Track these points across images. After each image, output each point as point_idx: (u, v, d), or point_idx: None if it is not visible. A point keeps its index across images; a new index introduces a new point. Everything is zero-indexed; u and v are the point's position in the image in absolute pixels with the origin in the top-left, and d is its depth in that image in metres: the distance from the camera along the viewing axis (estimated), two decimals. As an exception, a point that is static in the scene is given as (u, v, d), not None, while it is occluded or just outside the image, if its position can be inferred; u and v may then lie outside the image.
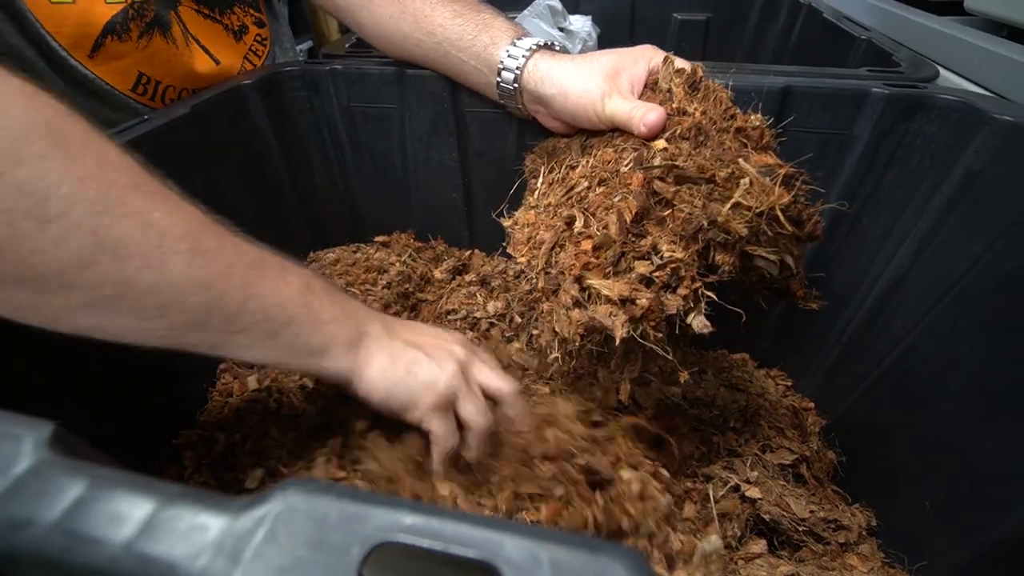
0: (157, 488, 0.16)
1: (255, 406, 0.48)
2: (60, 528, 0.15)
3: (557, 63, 0.44)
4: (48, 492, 0.15)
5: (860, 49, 0.64)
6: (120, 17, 0.51)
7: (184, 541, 0.14)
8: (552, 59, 0.44)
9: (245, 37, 0.64)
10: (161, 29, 0.55)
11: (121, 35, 0.52)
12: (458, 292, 0.61)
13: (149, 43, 0.54)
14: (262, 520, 0.14)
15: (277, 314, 0.31)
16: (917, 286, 0.46)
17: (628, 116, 0.39)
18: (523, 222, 0.43)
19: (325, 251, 0.65)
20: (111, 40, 0.51)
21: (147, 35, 0.54)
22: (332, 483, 0.15)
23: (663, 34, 1.04)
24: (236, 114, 0.55)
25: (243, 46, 0.64)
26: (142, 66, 0.55)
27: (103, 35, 0.51)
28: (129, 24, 0.52)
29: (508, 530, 0.13)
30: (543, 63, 0.44)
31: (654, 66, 0.43)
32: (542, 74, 0.44)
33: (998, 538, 0.36)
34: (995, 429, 0.38)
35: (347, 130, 0.61)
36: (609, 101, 0.40)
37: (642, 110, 0.39)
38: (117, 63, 0.53)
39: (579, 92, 0.42)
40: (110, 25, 0.51)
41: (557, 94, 0.43)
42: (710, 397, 0.51)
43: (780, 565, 0.37)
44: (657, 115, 0.38)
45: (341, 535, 0.14)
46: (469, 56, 0.47)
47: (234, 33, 0.63)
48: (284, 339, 0.32)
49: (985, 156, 0.41)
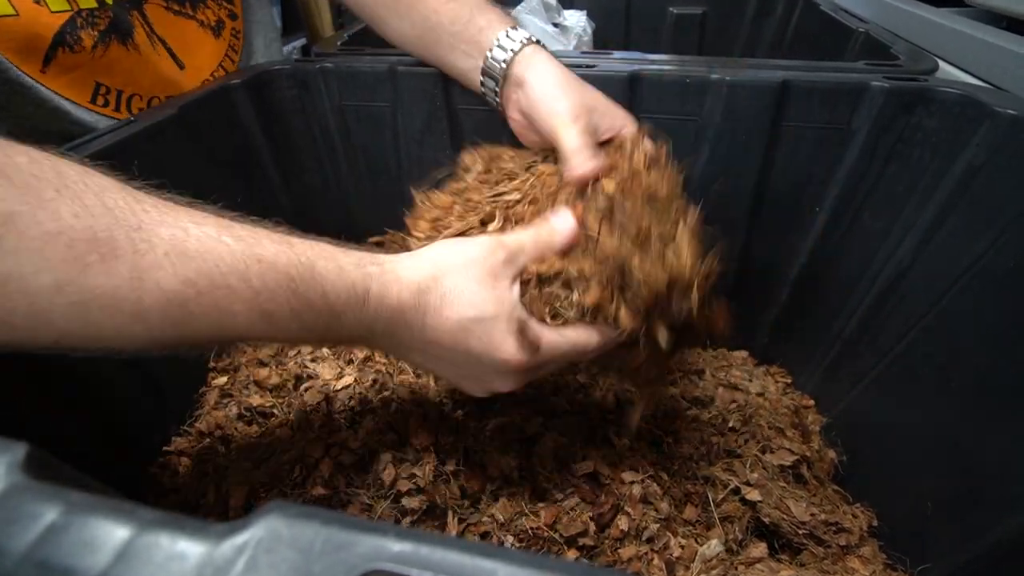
0: (134, 514, 0.15)
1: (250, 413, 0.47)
2: (31, 558, 0.14)
3: (551, 60, 0.44)
4: (19, 519, 0.15)
5: (858, 42, 0.63)
6: (68, 27, 0.48)
7: (161, 572, 0.14)
8: (547, 55, 0.44)
9: (223, 32, 0.61)
10: (119, 36, 0.51)
11: (73, 45, 0.49)
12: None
13: (106, 52, 0.51)
14: (243, 548, 0.14)
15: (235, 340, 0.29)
16: (919, 282, 0.45)
17: (574, 150, 0.38)
18: (437, 203, 0.43)
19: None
20: (63, 52, 0.48)
21: (102, 44, 0.50)
22: (317, 508, 0.14)
23: (659, 29, 1.03)
24: (225, 114, 0.54)
25: (223, 43, 0.62)
26: (100, 76, 0.52)
27: (53, 47, 0.47)
28: (79, 34, 0.49)
29: (502, 558, 0.13)
30: (539, 54, 0.44)
31: (625, 135, 0.42)
32: (532, 60, 0.43)
33: (1003, 538, 0.35)
34: (999, 427, 0.37)
35: (339, 129, 0.60)
36: (568, 127, 0.39)
37: (589, 154, 0.38)
38: (72, 75, 0.50)
39: (553, 94, 0.41)
40: (59, 36, 0.48)
41: (536, 81, 0.42)
42: (709, 397, 0.51)
43: (781, 570, 0.37)
44: (595, 166, 0.38)
45: (326, 564, 0.13)
46: (460, 40, 0.46)
47: (212, 29, 0.60)
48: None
49: (987, 150, 0.41)
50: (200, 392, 0.51)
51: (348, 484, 0.40)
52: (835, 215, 0.50)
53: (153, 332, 0.26)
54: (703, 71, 0.49)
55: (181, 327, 0.26)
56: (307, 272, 0.29)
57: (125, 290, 0.24)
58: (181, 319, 0.26)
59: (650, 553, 0.38)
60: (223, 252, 0.27)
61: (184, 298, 0.25)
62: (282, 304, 0.28)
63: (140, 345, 0.26)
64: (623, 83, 0.50)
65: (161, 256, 0.25)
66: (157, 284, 0.25)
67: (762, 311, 0.59)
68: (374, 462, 0.40)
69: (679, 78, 0.49)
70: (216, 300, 0.26)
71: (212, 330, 0.27)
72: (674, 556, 0.38)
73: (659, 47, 1.03)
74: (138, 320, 0.25)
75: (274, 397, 0.47)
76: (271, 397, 0.47)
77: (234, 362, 0.53)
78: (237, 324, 0.27)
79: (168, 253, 0.25)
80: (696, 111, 0.50)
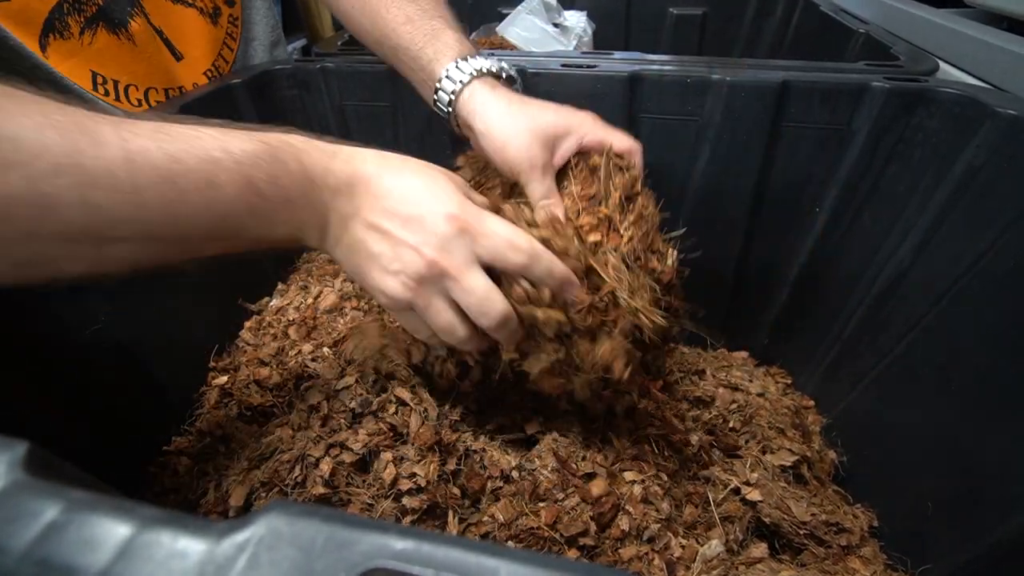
0: (135, 511, 0.15)
1: (250, 412, 0.47)
2: (31, 556, 0.14)
3: (494, 100, 0.42)
4: (20, 517, 0.15)
5: (858, 42, 0.64)
6: (56, 12, 0.47)
7: (162, 569, 0.14)
8: (491, 93, 0.42)
9: (220, 19, 0.61)
10: (108, 24, 0.51)
11: (62, 32, 0.48)
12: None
13: (94, 39, 0.50)
14: (244, 546, 0.14)
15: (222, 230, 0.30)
16: (919, 282, 0.45)
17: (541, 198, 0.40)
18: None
19: (319, 251, 0.64)
20: (54, 38, 0.48)
21: (90, 30, 0.49)
22: (318, 507, 0.14)
23: (659, 29, 1.03)
24: (226, 114, 0.53)
25: (220, 30, 0.61)
26: (93, 64, 0.51)
27: (44, 33, 0.47)
28: (67, 19, 0.48)
29: (503, 556, 0.13)
30: (480, 94, 0.42)
31: (588, 142, 0.41)
32: (474, 106, 0.42)
33: (1003, 538, 0.35)
34: (999, 427, 0.37)
35: (339, 129, 0.60)
36: (528, 173, 0.40)
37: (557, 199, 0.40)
38: (68, 63, 0.49)
39: (504, 141, 0.40)
40: (49, 22, 0.47)
41: (483, 132, 0.41)
42: (709, 397, 0.51)
43: (782, 570, 0.37)
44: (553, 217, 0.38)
45: (327, 561, 0.13)
46: (416, 67, 0.46)
47: (210, 16, 0.59)
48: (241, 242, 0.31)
49: (987, 150, 0.41)
50: (200, 392, 0.51)
51: (348, 484, 0.40)
52: (835, 215, 0.51)
53: (150, 213, 0.26)
54: (703, 71, 0.49)
55: (175, 205, 0.27)
56: (283, 142, 0.31)
57: (120, 171, 0.25)
58: (175, 197, 0.27)
59: (651, 553, 0.38)
60: (203, 133, 0.28)
61: (174, 174, 0.27)
62: (262, 169, 0.29)
63: (138, 230, 0.27)
64: (624, 83, 0.50)
65: (147, 140, 0.26)
66: (148, 161, 0.26)
67: (762, 311, 0.59)
68: (374, 462, 0.40)
69: (679, 78, 0.49)
70: (204, 173, 0.27)
71: (203, 207, 0.28)
72: (675, 556, 0.38)
73: (659, 48, 1.03)
74: (134, 200, 0.26)
75: (274, 396, 0.47)
76: (272, 396, 0.47)
77: (234, 361, 0.53)
78: (225, 196, 0.28)
79: (152, 136, 0.26)
80: (696, 111, 0.50)
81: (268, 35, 0.67)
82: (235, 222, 0.30)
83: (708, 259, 0.58)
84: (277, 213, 0.31)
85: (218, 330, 0.54)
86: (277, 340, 0.54)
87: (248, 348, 0.54)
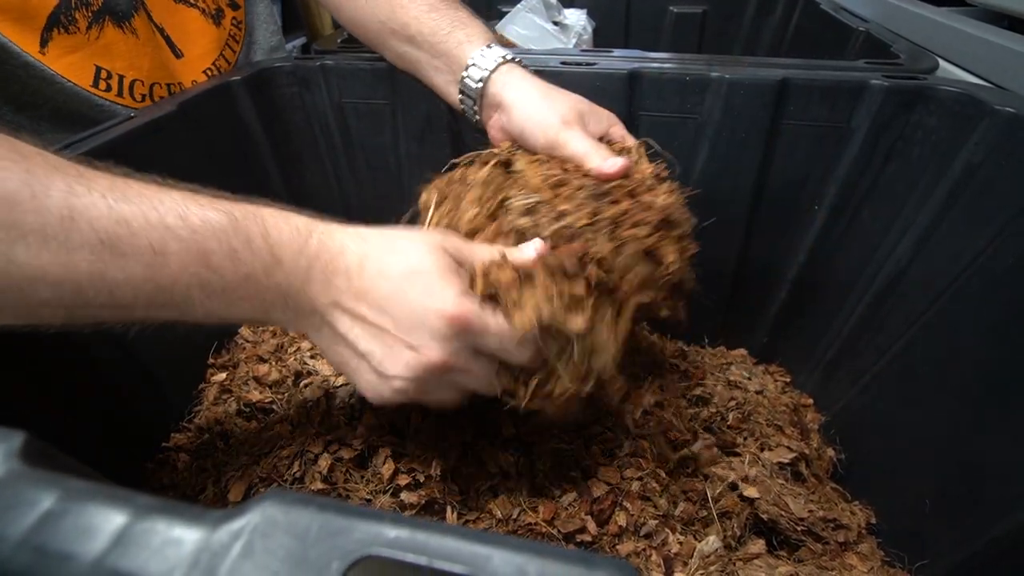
0: (131, 500, 0.15)
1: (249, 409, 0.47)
2: (28, 544, 0.14)
3: (527, 76, 0.43)
4: (16, 506, 0.15)
5: (858, 41, 0.64)
6: (63, 7, 0.48)
7: (157, 556, 0.14)
8: (523, 71, 0.44)
9: (223, 21, 0.61)
10: (114, 18, 0.51)
11: (68, 27, 0.48)
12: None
13: (101, 33, 0.50)
14: (239, 534, 0.14)
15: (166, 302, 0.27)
16: (918, 280, 0.45)
17: (586, 152, 0.38)
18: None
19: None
20: (58, 32, 0.48)
21: (97, 25, 0.50)
22: (313, 496, 0.14)
23: (659, 27, 1.03)
24: (225, 111, 0.54)
25: (223, 31, 0.61)
26: (98, 59, 0.51)
27: (48, 28, 0.47)
28: (74, 14, 0.48)
29: (496, 544, 0.13)
30: (514, 72, 0.43)
31: (615, 132, 0.42)
32: (508, 79, 0.43)
33: (1000, 536, 0.35)
34: (998, 425, 0.37)
35: (339, 127, 0.60)
36: (569, 130, 0.39)
37: (606, 152, 0.38)
38: (71, 57, 0.49)
39: (538, 107, 0.41)
40: (54, 16, 0.47)
41: (517, 100, 0.42)
42: (708, 394, 0.51)
43: (779, 565, 0.37)
44: (624, 163, 0.37)
45: (321, 549, 0.13)
46: (438, 53, 0.46)
47: (212, 17, 0.60)
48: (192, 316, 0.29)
49: (986, 148, 0.41)
50: (199, 388, 0.51)
51: (347, 480, 0.40)
52: (834, 213, 0.50)
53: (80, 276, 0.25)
54: (703, 69, 0.49)
55: (111, 271, 0.25)
56: (250, 212, 0.29)
57: (54, 228, 0.24)
58: (109, 260, 0.25)
59: (648, 549, 0.38)
60: (166, 197, 0.26)
61: (114, 236, 0.25)
62: (221, 242, 0.27)
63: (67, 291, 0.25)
64: (623, 81, 0.50)
65: (99, 197, 0.25)
66: (89, 221, 0.24)
67: (761, 309, 0.59)
68: (373, 457, 0.40)
69: (679, 76, 0.49)
70: (150, 240, 0.26)
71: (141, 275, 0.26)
72: (672, 552, 0.38)
73: (659, 46, 1.03)
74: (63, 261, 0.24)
75: (273, 393, 0.47)
76: (271, 393, 0.47)
77: (233, 358, 0.53)
78: (171, 267, 0.26)
79: (108, 193, 0.25)
80: (696, 109, 0.50)
81: (268, 40, 0.68)
82: (181, 295, 0.27)
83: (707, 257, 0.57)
84: (234, 291, 0.28)
85: (217, 327, 0.54)
86: (276, 337, 0.54)
87: (247, 345, 0.54)
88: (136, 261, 0.26)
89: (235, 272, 0.28)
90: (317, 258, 0.30)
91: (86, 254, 0.24)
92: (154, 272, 0.26)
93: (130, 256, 0.25)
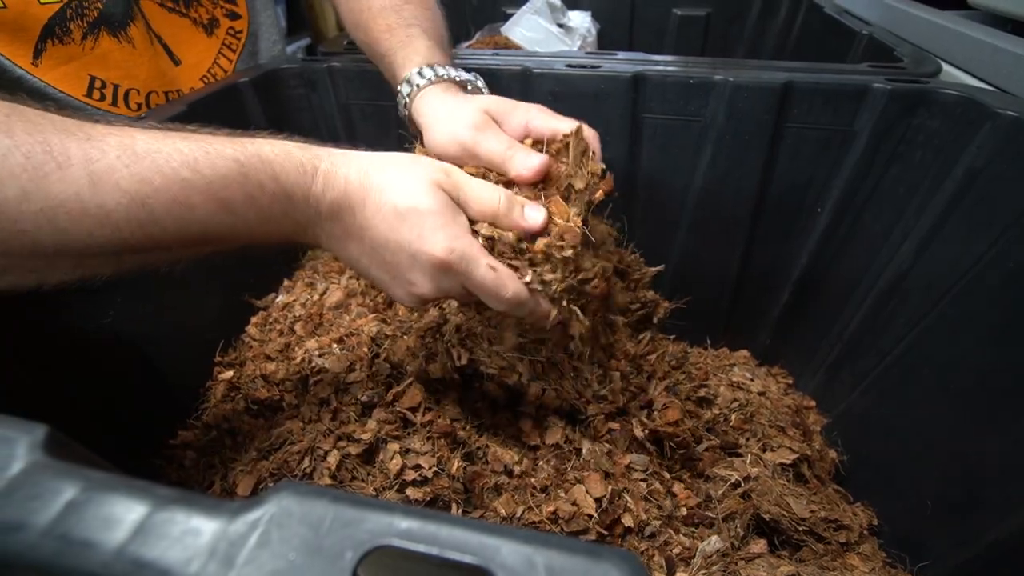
0: (151, 491, 0.15)
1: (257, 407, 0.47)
2: (52, 532, 0.15)
3: (442, 98, 0.42)
4: (41, 496, 0.15)
5: (861, 44, 0.64)
6: (58, 18, 0.48)
7: (177, 545, 0.14)
8: (442, 94, 0.42)
9: (217, 31, 0.62)
10: (110, 28, 0.51)
11: (62, 38, 0.48)
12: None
13: (96, 44, 0.50)
14: (256, 524, 0.14)
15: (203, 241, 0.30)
16: (920, 283, 0.46)
17: (503, 156, 0.37)
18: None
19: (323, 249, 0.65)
20: (52, 44, 0.48)
21: (92, 35, 0.50)
22: (326, 488, 0.15)
23: (663, 30, 1.03)
24: (233, 112, 0.54)
25: (216, 40, 0.62)
26: (93, 69, 0.51)
27: (42, 39, 0.47)
28: (69, 25, 0.48)
29: (504, 535, 0.13)
30: (432, 95, 0.42)
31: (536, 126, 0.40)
32: (422, 103, 0.42)
33: (1001, 538, 0.35)
34: (998, 428, 0.38)
35: (345, 127, 0.60)
36: (479, 134, 0.38)
37: (523, 152, 0.37)
38: (65, 68, 0.50)
39: (446, 121, 0.40)
40: (48, 28, 0.47)
41: (428, 120, 0.41)
42: (711, 395, 0.51)
43: (781, 565, 0.37)
44: (541, 161, 0.36)
45: (335, 539, 0.14)
46: (390, 75, 0.47)
47: (204, 27, 0.61)
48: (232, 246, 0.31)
49: (988, 152, 0.41)
50: (206, 386, 0.51)
51: (354, 477, 0.40)
52: (837, 216, 0.51)
53: (122, 234, 0.26)
54: (706, 72, 0.49)
55: (147, 226, 0.27)
56: (255, 158, 0.30)
57: (86, 194, 0.25)
58: (145, 218, 0.27)
59: (651, 550, 0.38)
60: (170, 150, 0.28)
61: (143, 196, 0.26)
62: (236, 191, 0.29)
63: (112, 248, 0.27)
64: (627, 83, 0.50)
65: (114, 159, 0.26)
66: (116, 185, 0.26)
67: (764, 311, 0.60)
68: (380, 451, 0.41)
69: (683, 79, 0.50)
70: (174, 194, 0.27)
71: (177, 226, 0.28)
72: (675, 552, 0.38)
73: (663, 48, 1.03)
74: (104, 223, 0.26)
75: (281, 391, 0.48)
76: (278, 391, 0.48)
77: (240, 356, 0.53)
78: (198, 216, 0.28)
79: (120, 156, 0.26)
80: (699, 112, 0.50)
81: (270, 49, 0.70)
82: (216, 234, 0.30)
83: (710, 259, 0.58)
84: (260, 226, 0.31)
85: (224, 326, 0.55)
86: (283, 336, 0.55)
87: (254, 344, 0.55)
88: (168, 215, 0.27)
89: (255, 214, 0.30)
90: (324, 197, 0.32)
91: (122, 215, 0.26)
92: (184, 221, 0.28)
93: (161, 211, 0.27)
